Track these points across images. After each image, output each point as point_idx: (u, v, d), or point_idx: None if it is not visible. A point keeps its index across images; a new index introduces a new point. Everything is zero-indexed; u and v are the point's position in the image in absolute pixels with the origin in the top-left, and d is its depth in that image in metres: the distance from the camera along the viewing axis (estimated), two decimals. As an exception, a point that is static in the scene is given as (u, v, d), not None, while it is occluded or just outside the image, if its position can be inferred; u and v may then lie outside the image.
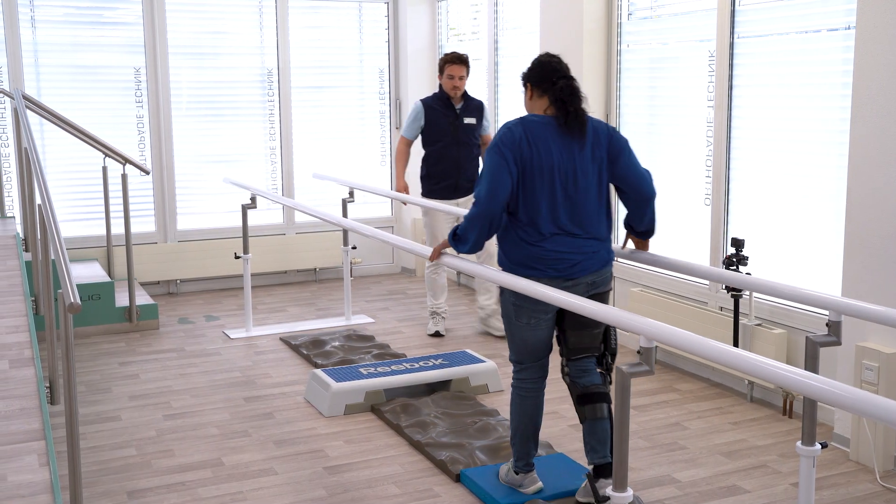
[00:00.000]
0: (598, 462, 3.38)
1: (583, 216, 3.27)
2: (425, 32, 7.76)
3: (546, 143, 3.21)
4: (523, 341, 3.40)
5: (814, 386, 2.10)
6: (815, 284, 4.27)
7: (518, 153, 3.20)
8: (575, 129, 3.24)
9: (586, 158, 3.25)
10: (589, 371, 3.41)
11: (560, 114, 3.25)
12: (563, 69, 3.33)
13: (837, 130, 4.23)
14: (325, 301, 6.99)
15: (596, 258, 3.31)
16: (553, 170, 3.21)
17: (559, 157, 3.22)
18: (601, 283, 3.36)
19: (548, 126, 3.24)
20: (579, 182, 3.24)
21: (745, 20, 4.71)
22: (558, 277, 3.24)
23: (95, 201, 6.73)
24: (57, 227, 3.45)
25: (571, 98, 3.25)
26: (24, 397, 3.32)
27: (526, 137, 3.21)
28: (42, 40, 6.73)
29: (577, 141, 3.24)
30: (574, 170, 3.23)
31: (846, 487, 3.66)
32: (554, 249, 3.24)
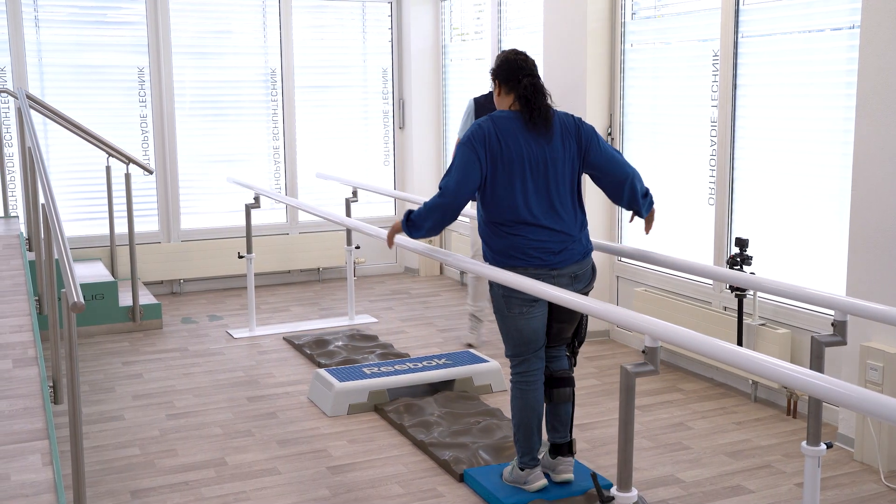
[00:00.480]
0: (558, 441, 3.58)
1: (556, 208, 3.37)
2: (428, 32, 7.76)
3: (515, 137, 3.33)
4: (518, 331, 3.43)
5: (819, 385, 2.09)
6: (820, 284, 4.25)
7: (488, 148, 3.31)
8: (540, 124, 3.35)
9: (556, 150, 3.36)
10: (559, 357, 3.59)
11: (525, 110, 3.36)
12: (528, 66, 3.42)
13: (841, 130, 4.22)
14: (328, 301, 6.99)
15: (575, 249, 3.40)
16: (523, 162, 3.33)
17: (528, 151, 3.33)
18: (583, 277, 3.45)
19: (515, 121, 3.36)
20: (549, 174, 3.35)
21: (749, 20, 4.70)
22: (543, 267, 3.33)
23: (99, 201, 6.73)
24: (60, 227, 3.45)
25: (535, 96, 3.36)
26: (27, 397, 3.32)
27: (496, 133, 3.33)
28: (46, 40, 6.74)
29: (544, 137, 3.35)
30: (544, 162, 3.34)
31: (851, 487, 3.65)
32: (534, 238, 3.33)
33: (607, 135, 5.67)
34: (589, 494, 3.51)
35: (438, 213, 3.35)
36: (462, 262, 3.59)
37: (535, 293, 3.08)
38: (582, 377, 5.07)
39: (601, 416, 4.48)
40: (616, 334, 5.81)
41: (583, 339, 3.58)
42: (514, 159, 3.31)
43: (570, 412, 3.56)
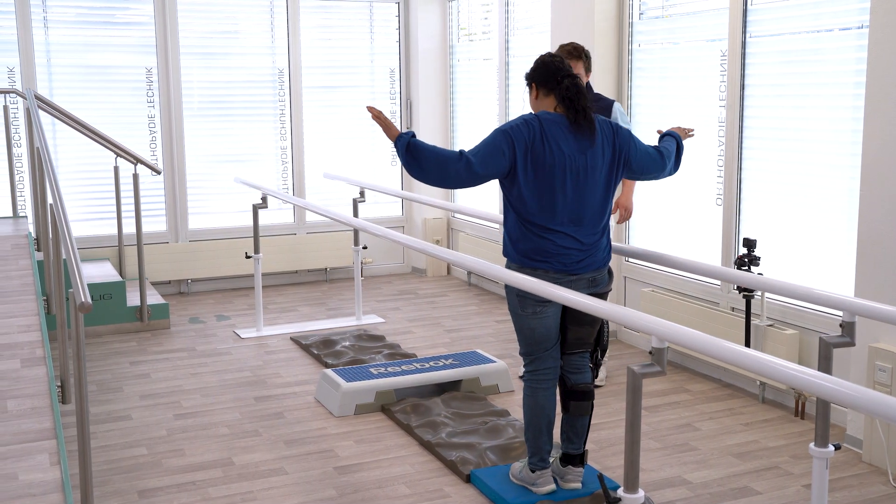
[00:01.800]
0: (571, 451, 3.55)
1: (589, 213, 3.35)
2: (436, 32, 7.75)
3: (558, 140, 3.28)
4: (531, 331, 3.44)
5: (827, 387, 2.08)
6: (828, 285, 4.24)
7: (530, 148, 3.26)
8: (585, 127, 3.30)
9: (596, 156, 3.32)
10: (582, 369, 3.53)
11: (569, 112, 3.31)
12: (566, 68, 3.37)
13: (850, 130, 4.20)
14: (335, 301, 6.99)
15: (598, 255, 3.40)
16: (565, 167, 3.27)
17: (570, 155, 3.28)
18: (601, 282, 3.45)
19: (560, 124, 3.30)
20: (588, 180, 3.31)
21: (757, 19, 4.68)
22: (563, 271, 3.32)
23: (107, 201, 6.75)
24: (68, 227, 3.46)
25: (578, 96, 3.30)
26: (35, 396, 3.33)
27: (541, 135, 3.27)
28: (54, 41, 6.76)
29: (588, 139, 3.30)
30: (585, 167, 3.30)
31: (859, 489, 3.64)
32: (562, 244, 3.31)
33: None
34: (596, 496, 3.50)
35: (440, 169, 3.25)
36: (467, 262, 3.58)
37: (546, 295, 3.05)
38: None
39: (608, 416, 4.47)
40: (623, 335, 5.80)
41: (605, 347, 3.50)
42: (556, 164, 3.26)
43: (586, 425, 3.53)
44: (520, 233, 3.36)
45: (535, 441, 3.51)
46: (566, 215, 3.30)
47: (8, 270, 4.84)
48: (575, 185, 3.29)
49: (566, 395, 3.52)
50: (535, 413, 3.48)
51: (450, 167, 3.24)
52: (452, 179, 3.27)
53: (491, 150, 3.26)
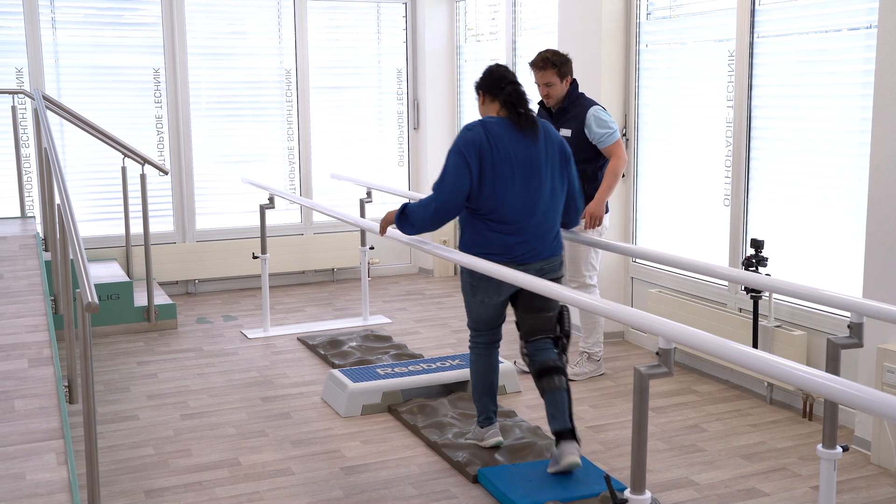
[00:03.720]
0: (558, 428, 3.68)
1: (539, 207, 3.62)
2: (443, 33, 7.75)
3: (503, 140, 3.58)
4: (478, 314, 3.82)
5: (835, 388, 2.07)
6: (836, 286, 4.22)
7: (478, 152, 3.54)
8: (528, 128, 3.62)
9: (540, 153, 3.62)
10: (545, 350, 3.73)
11: (512, 115, 3.63)
12: (509, 76, 3.70)
13: (858, 130, 4.18)
14: (342, 301, 6.99)
15: (548, 246, 3.68)
16: (512, 164, 3.57)
17: (516, 153, 3.58)
18: (549, 270, 3.69)
19: (504, 126, 3.62)
20: (534, 175, 3.60)
21: (764, 19, 4.67)
22: (511, 262, 3.56)
23: (115, 201, 6.76)
24: (75, 227, 3.46)
25: (519, 101, 3.65)
26: (42, 396, 3.34)
27: (486, 136, 3.57)
28: (62, 41, 6.77)
29: (531, 138, 3.62)
30: (530, 163, 3.60)
31: (867, 491, 3.62)
32: (514, 237, 3.60)
33: (622, 135, 5.65)
34: (603, 497, 3.50)
35: (431, 215, 3.59)
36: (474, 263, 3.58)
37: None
38: (596, 378, 5.05)
39: (615, 417, 4.46)
40: (630, 336, 5.79)
41: (568, 332, 3.77)
42: (503, 161, 3.55)
43: (565, 400, 3.67)
44: (472, 227, 3.64)
45: (480, 400, 3.91)
46: (516, 209, 3.57)
47: (16, 270, 4.86)
48: (523, 180, 3.57)
49: (536, 376, 3.72)
50: (478, 377, 3.88)
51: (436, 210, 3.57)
52: (446, 214, 3.59)
53: (455, 172, 3.54)
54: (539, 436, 4.10)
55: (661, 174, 5.52)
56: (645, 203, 5.67)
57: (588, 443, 4.14)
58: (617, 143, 4.71)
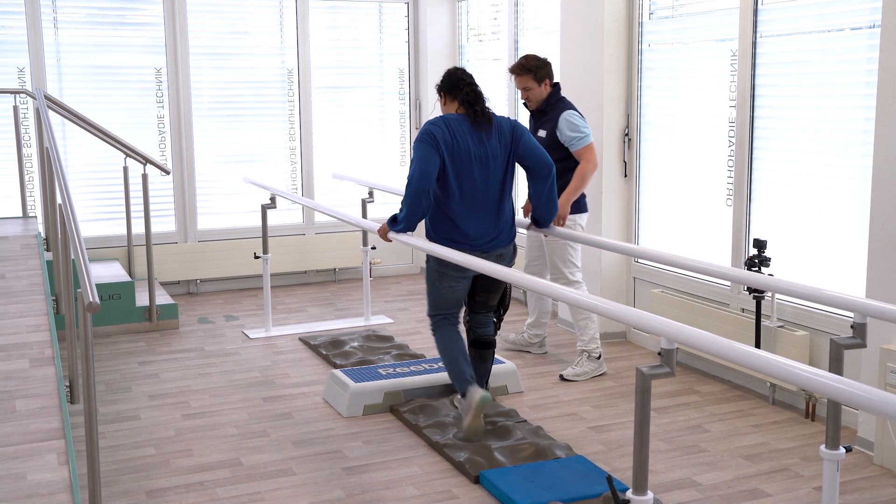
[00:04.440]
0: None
1: (494, 196, 4.01)
2: (445, 33, 7.75)
3: (463, 135, 3.96)
4: (443, 299, 4.18)
5: (838, 388, 2.07)
6: (839, 286, 4.21)
7: (443, 141, 3.90)
8: (483, 123, 4.00)
9: (495, 146, 4.01)
10: (486, 325, 4.29)
11: (469, 112, 4.01)
12: (467, 78, 4.08)
13: (861, 130, 4.17)
14: (344, 301, 6.99)
15: (505, 234, 4.10)
16: (471, 157, 3.95)
17: (475, 146, 3.96)
18: (507, 256, 4.14)
19: (462, 122, 3.99)
20: (490, 166, 3.99)
21: (767, 19, 4.66)
22: (476, 250, 3.96)
23: (116, 201, 6.76)
24: (77, 227, 3.46)
25: (476, 99, 4.02)
26: (43, 396, 3.33)
27: (448, 130, 3.94)
28: (64, 41, 6.77)
29: (486, 133, 3.99)
30: (486, 156, 3.98)
31: (870, 492, 3.61)
32: (475, 226, 4.00)
33: (624, 135, 5.64)
34: (605, 497, 3.49)
35: (411, 200, 3.93)
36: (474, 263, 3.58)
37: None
38: (598, 378, 5.04)
39: (617, 417, 4.45)
40: (632, 336, 5.78)
41: (507, 307, 4.29)
42: (463, 154, 3.94)
43: (488, 368, 4.32)
44: (437, 217, 4.02)
45: (455, 369, 4.14)
46: (475, 200, 3.97)
47: (17, 270, 4.86)
48: (481, 171, 3.97)
49: (472, 344, 4.27)
50: (450, 351, 4.15)
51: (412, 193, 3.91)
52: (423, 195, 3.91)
53: (423, 156, 3.90)
54: (541, 436, 4.10)
55: (663, 174, 5.51)
56: (647, 203, 5.66)
57: (590, 443, 4.13)
58: (587, 147, 4.84)
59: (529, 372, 5.17)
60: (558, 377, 5.05)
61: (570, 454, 3.92)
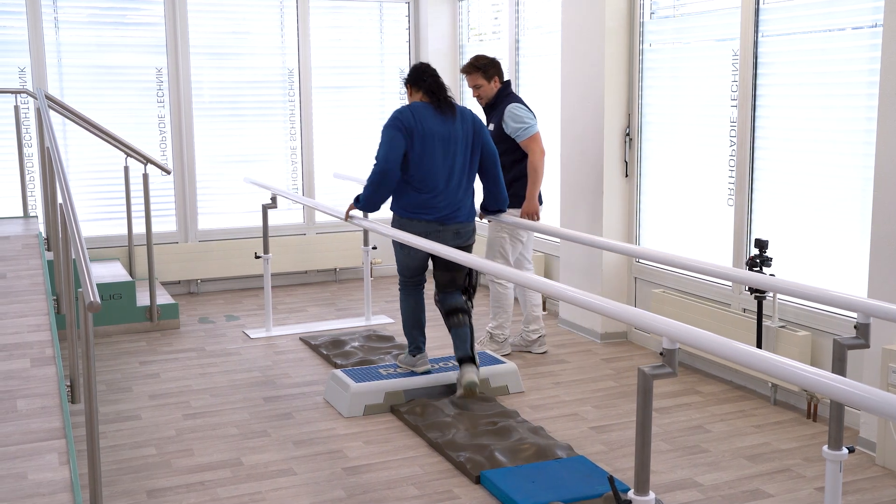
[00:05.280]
0: (460, 356, 4.53)
1: (455, 175, 4.43)
2: (446, 32, 7.74)
3: (427, 119, 4.40)
4: (406, 266, 4.63)
5: (841, 389, 2.06)
6: (841, 286, 4.20)
7: (408, 126, 4.34)
8: (446, 109, 4.44)
9: (457, 130, 4.44)
10: (453, 296, 4.61)
11: (432, 99, 4.46)
12: (431, 71, 4.54)
13: (863, 130, 4.17)
14: (345, 301, 6.98)
15: (464, 211, 4.50)
16: (434, 138, 4.37)
17: (437, 129, 4.39)
18: (465, 235, 4.53)
19: (427, 108, 4.44)
20: (450, 147, 4.41)
21: (769, 19, 4.65)
22: (434, 221, 4.41)
23: (117, 201, 6.76)
24: (77, 227, 3.45)
25: (438, 88, 4.47)
26: (44, 396, 3.33)
27: (412, 115, 4.39)
28: (65, 41, 6.77)
29: (449, 118, 4.43)
30: (448, 138, 4.40)
31: (872, 493, 3.61)
32: (435, 200, 4.40)
33: (625, 135, 5.64)
34: (606, 497, 3.48)
35: (377, 180, 4.36)
36: (476, 262, 3.57)
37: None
38: (599, 379, 5.04)
39: (618, 418, 4.45)
40: (634, 336, 5.78)
41: (475, 286, 4.65)
42: (426, 136, 4.36)
43: (467, 333, 4.54)
44: (404, 192, 4.43)
45: (411, 333, 4.66)
46: (437, 176, 4.38)
47: (18, 270, 4.85)
48: (442, 152, 4.38)
49: (446, 316, 4.60)
50: (407, 313, 4.67)
51: (378, 173, 4.36)
52: (387, 177, 4.35)
53: (389, 141, 4.35)
54: (542, 436, 4.09)
55: (664, 174, 5.51)
56: (648, 203, 5.66)
57: (591, 443, 4.13)
58: (532, 137, 5.18)
59: (530, 372, 5.16)
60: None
61: (572, 454, 3.91)
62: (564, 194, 6.03)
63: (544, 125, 6.66)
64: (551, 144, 6.35)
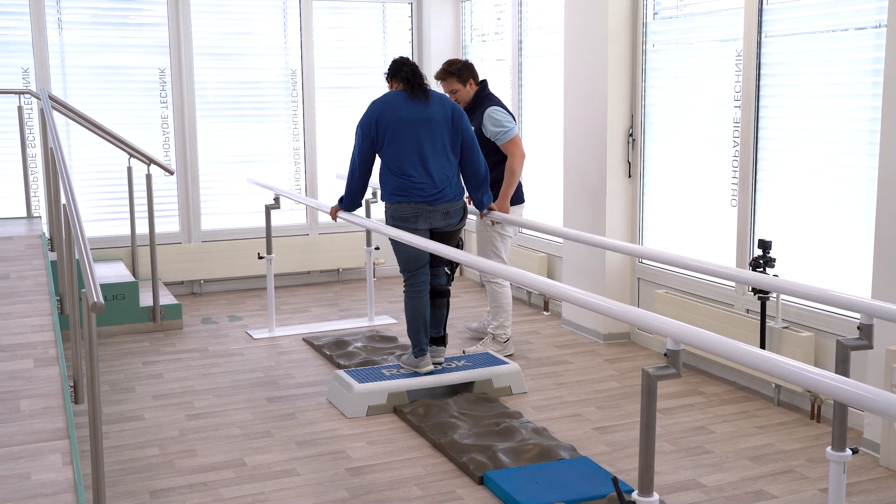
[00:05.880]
0: (433, 335, 4.78)
1: (434, 158, 4.53)
2: (449, 33, 7.74)
3: (400, 106, 4.55)
4: (406, 254, 4.65)
5: (845, 389, 2.06)
6: (844, 287, 4.20)
7: (375, 121, 4.53)
8: (420, 94, 4.56)
9: (434, 113, 4.55)
10: (439, 275, 4.81)
11: (407, 87, 4.59)
12: (408, 62, 4.65)
13: (867, 130, 4.16)
14: (347, 301, 6.98)
15: (449, 191, 4.59)
16: (408, 123, 4.51)
17: (410, 114, 4.52)
18: (454, 214, 4.64)
19: (399, 95, 4.59)
20: (425, 129, 4.52)
21: (772, 19, 4.65)
22: (423, 202, 4.52)
23: (120, 201, 6.77)
24: (81, 227, 3.46)
25: (414, 77, 4.58)
26: (48, 396, 3.33)
27: (383, 106, 4.55)
28: (68, 41, 6.78)
29: (423, 103, 4.55)
30: (424, 121, 4.52)
31: (876, 494, 3.60)
32: (418, 181, 4.51)
33: (628, 135, 5.63)
34: (610, 498, 3.48)
35: (355, 176, 4.63)
36: (479, 263, 3.57)
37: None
38: (602, 380, 5.04)
39: (622, 419, 4.44)
40: (637, 337, 5.77)
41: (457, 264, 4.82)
42: (399, 122, 4.51)
43: (444, 315, 4.83)
44: (387, 177, 4.56)
45: (415, 335, 4.70)
46: (415, 158, 4.50)
47: (22, 270, 4.86)
48: (417, 131, 4.50)
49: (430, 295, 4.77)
50: (413, 314, 4.70)
51: (351, 172, 4.64)
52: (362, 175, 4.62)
53: (359, 143, 4.58)
54: (545, 437, 4.09)
55: (667, 174, 5.50)
56: (652, 203, 5.65)
57: (595, 444, 4.12)
58: (512, 140, 5.24)
59: (534, 373, 5.16)
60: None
61: (575, 455, 3.91)
62: (567, 194, 6.03)
63: (547, 126, 6.66)
64: (554, 145, 6.35)
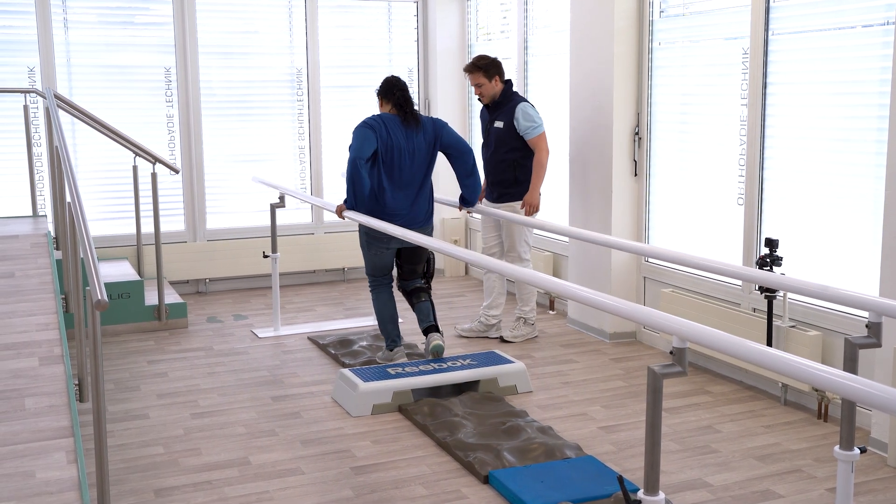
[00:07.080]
0: (425, 326, 5.00)
1: (414, 185, 4.84)
2: (454, 32, 7.73)
3: (395, 131, 4.81)
4: (373, 263, 5.03)
5: (854, 387, 2.04)
6: (852, 285, 4.17)
7: (380, 133, 4.75)
8: (412, 123, 4.84)
9: (420, 144, 4.84)
10: (414, 280, 5.10)
11: (400, 113, 4.85)
12: (401, 85, 4.92)
13: (875, 128, 4.14)
14: (353, 301, 6.98)
15: (420, 217, 4.91)
16: (401, 150, 4.78)
17: (402, 142, 4.79)
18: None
19: (394, 121, 4.84)
20: (415, 158, 4.82)
21: (779, 16, 4.63)
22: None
23: (126, 200, 6.76)
24: (86, 226, 3.45)
25: (406, 103, 4.87)
26: (53, 394, 3.33)
27: (384, 125, 4.80)
28: (74, 40, 6.78)
29: (413, 130, 4.83)
30: (413, 151, 4.82)
31: (884, 493, 3.58)
32: (395, 207, 4.81)
33: (634, 134, 5.62)
34: (616, 497, 3.47)
35: (351, 171, 4.77)
36: (485, 262, 3.56)
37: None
38: (608, 378, 5.02)
39: (627, 418, 4.43)
40: (643, 335, 5.76)
41: (431, 274, 5.13)
42: (393, 147, 4.77)
43: (429, 307, 5.04)
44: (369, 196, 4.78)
45: (385, 329, 5.06)
46: (400, 183, 4.79)
47: (27, 269, 4.86)
48: (407, 162, 4.79)
49: (408, 296, 5.10)
50: (381, 309, 5.05)
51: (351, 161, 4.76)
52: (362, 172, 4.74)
53: (362, 136, 4.74)
54: (550, 436, 4.08)
55: (674, 173, 5.49)
56: (658, 202, 5.63)
57: (601, 443, 4.11)
58: (540, 135, 5.53)
59: (539, 372, 5.15)
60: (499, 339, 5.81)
61: (580, 454, 3.90)
62: (573, 193, 6.02)
63: (553, 124, 6.65)
64: (560, 143, 6.34)
